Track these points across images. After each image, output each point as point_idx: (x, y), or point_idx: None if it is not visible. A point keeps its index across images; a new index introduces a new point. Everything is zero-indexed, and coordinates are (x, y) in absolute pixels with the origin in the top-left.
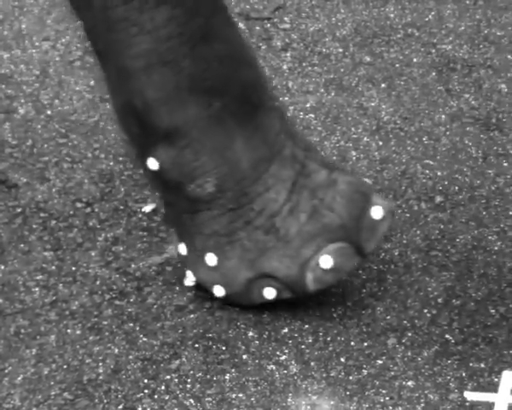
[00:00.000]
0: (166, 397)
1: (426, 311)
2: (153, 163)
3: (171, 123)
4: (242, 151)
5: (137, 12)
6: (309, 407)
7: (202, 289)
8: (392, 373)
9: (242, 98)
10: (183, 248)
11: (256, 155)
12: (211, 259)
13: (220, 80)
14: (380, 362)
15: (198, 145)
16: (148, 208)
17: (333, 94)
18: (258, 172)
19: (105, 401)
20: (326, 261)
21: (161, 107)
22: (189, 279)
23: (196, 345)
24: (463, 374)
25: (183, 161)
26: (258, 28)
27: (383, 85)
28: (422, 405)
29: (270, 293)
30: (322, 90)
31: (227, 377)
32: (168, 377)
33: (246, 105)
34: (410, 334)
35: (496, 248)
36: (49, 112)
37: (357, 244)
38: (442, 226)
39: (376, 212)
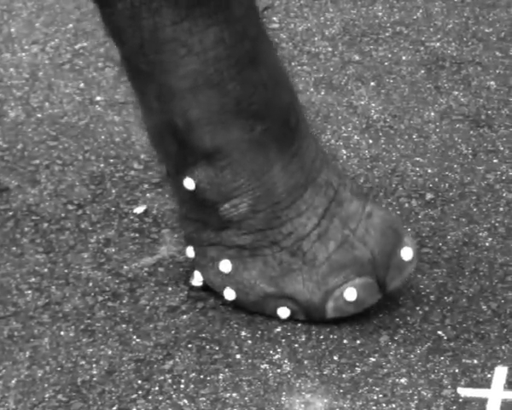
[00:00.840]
0: (160, 398)
1: (418, 308)
2: (189, 183)
3: (213, 144)
4: (280, 176)
5: (187, 33)
6: (303, 406)
7: (195, 290)
8: (385, 370)
9: (283, 123)
10: (190, 252)
11: (292, 180)
12: (225, 265)
13: (264, 104)
14: (372, 360)
15: (238, 167)
16: (139, 210)
17: (322, 93)
18: (293, 198)
19: (99, 402)
20: (350, 294)
21: (204, 127)
22: (197, 279)
23: (189, 345)
24: (456, 370)
25: (222, 181)
26: None
27: (372, 84)
28: (416, 402)
29: (284, 312)
30: (312, 90)
31: (220, 376)
32: (162, 377)
33: (285, 129)
34: (402, 331)
35: (487, 244)
36: (39, 115)
37: (382, 281)
38: (433, 223)
39: (407, 253)
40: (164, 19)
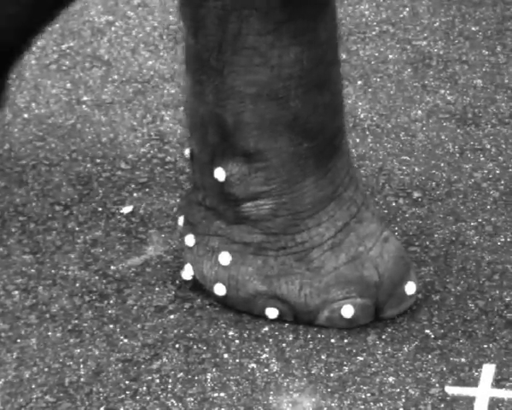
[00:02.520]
0: (148, 398)
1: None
2: (220, 173)
3: (256, 147)
4: (310, 188)
5: (268, 46)
6: (290, 405)
7: (182, 290)
8: (373, 369)
9: (328, 142)
10: (190, 240)
11: (321, 193)
12: (224, 258)
13: (318, 125)
14: (360, 359)
15: (273, 173)
16: (126, 210)
17: None
18: (317, 209)
19: (87, 403)
20: (348, 311)
21: (252, 131)
22: (187, 272)
23: (177, 345)
24: (444, 369)
25: (253, 181)
26: None
27: (359, 83)
28: (403, 400)
29: (272, 313)
30: None
31: (208, 376)
32: (149, 377)
33: (329, 148)
34: (389, 330)
35: (474, 242)
36: (25, 115)
37: (381, 306)
38: (420, 222)
39: (410, 287)
40: (250, 28)
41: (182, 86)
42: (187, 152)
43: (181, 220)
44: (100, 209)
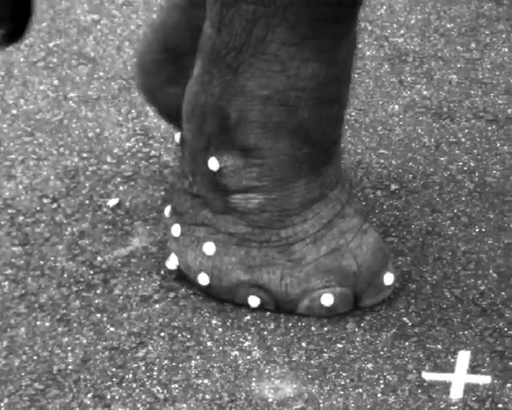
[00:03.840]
0: (134, 385)
1: None
2: (214, 163)
3: (256, 144)
4: (301, 189)
5: (289, 56)
6: (272, 391)
7: (167, 280)
8: (352, 356)
9: (326, 150)
10: (176, 230)
11: (309, 195)
12: (209, 247)
13: (320, 134)
14: (340, 346)
15: (267, 170)
16: (112, 203)
17: None
18: (303, 208)
19: (75, 390)
20: (327, 299)
21: (255, 129)
22: (172, 262)
23: (162, 334)
24: (421, 355)
25: (246, 175)
26: None
27: None
28: (382, 386)
29: (254, 301)
30: None
31: (192, 363)
32: (135, 365)
33: (325, 155)
34: (368, 318)
35: (450, 232)
36: (14, 111)
37: (359, 295)
38: (397, 213)
39: (389, 278)
40: (276, 36)
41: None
42: (177, 137)
43: (167, 211)
44: (87, 202)
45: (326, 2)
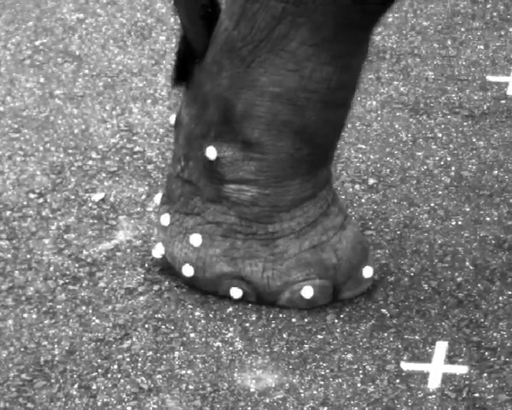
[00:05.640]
0: (119, 376)
1: None
2: (212, 152)
3: (258, 139)
4: (295, 188)
5: (306, 57)
6: (254, 381)
7: (151, 273)
8: (332, 347)
9: (325, 153)
10: (165, 220)
11: (302, 194)
12: (196, 239)
13: (323, 138)
14: (320, 337)
15: (265, 166)
16: (97, 197)
17: None
18: (294, 206)
19: (61, 380)
20: (307, 292)
21: (260, 125)
22: (158, 251)
23: (146, 325)
24: (399, 346)
25: (244, 168)
26: None
27: None
28: (361, 376)
29: (236, 293)
30: None
31: (176, 354)
32: (120, 356)
33: (323, 158)
34: (347, 309)
35: (427, 226)
36: (1, 108)
37: (338, 288)
38: (375, 207)
39: (368, 271)
40: (298, 35)
41: (149, 80)
42: (172, 119)
43: (158, 198)
44: (72, 197)
45: (353, 8)
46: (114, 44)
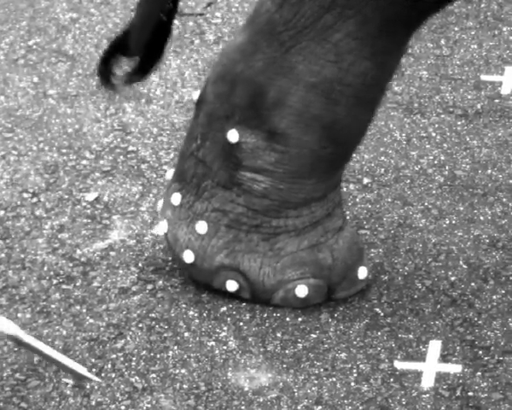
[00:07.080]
0: (113, 375)
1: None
2: (234, 135)
3: (285, 130)
4: (309, 187)
5: (348, 49)
6: (248, 380)
7: (145, 272)
8: (326, 346)
9: (345, 155)
10: (176, 199)
11: (314, 194)
12: (202, 226)
13: (348, 137)
14: (314, 336)
15: (286, 160)
16: (91, 197)
17: None
18: (302, 204)
19: (55, 380)
20: (302, 291)
21: (289, 115)
22: (161, 228)
23: (140, 325)
24: (393, 345)
25: (263, 157)
26: (191, 23)
27: None
28: (355, 375)
29: (232, 286)
30: None
31: (170, 354)
32: (114, 356)
33: (342, 160)
34: (341, 309)
35: (421, 225)
36: None
37: (333, 287)
38: (370, 206)
39: (362, 272)
40: (343, 27)
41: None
42: (195, 95)
43: (169, 173)
44: (66, 197)
45: (405, 3)
46: (108, 44)
